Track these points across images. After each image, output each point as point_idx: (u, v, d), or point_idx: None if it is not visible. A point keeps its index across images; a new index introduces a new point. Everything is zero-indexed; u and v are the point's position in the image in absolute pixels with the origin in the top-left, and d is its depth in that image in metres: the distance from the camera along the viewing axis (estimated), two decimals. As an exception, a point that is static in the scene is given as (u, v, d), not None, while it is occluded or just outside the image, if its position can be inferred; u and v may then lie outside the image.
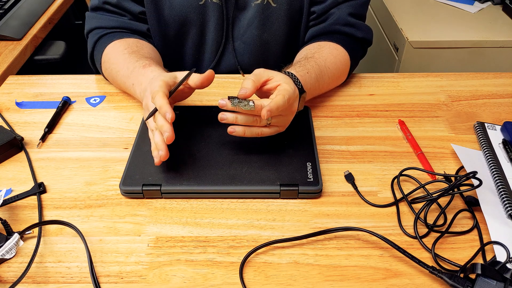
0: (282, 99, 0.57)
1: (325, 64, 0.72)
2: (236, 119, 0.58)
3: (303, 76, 0.66)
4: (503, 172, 0.60)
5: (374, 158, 0.65)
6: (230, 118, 0.58)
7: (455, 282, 0.46)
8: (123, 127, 0.71)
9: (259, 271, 0.50)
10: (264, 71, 0.61)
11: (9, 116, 0.74)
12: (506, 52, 1.21)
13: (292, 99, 0.59)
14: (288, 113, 0.61)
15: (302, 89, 0.64)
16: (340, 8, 0.79)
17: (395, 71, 1.28)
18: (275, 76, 0.61)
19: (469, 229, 0.54)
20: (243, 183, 0.58)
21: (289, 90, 0.59)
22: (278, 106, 0.56)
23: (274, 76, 0.61)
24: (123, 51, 0.72)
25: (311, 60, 0.71)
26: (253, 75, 0.59)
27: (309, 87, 0.67)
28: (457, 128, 0.70)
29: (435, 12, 1.32)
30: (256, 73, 0.60)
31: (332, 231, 0.53)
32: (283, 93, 0.57)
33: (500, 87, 0.80)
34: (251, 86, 0.57)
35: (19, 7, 1.16)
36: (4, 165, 0.64)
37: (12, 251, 0.52)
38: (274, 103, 0.56)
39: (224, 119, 0.58)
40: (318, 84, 0.71)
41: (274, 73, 0.61)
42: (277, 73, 0.62)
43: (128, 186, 0.58)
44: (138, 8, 0.79)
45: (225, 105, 0.57)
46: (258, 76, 0.60)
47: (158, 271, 0.50)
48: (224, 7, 0.78)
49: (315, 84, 0.70)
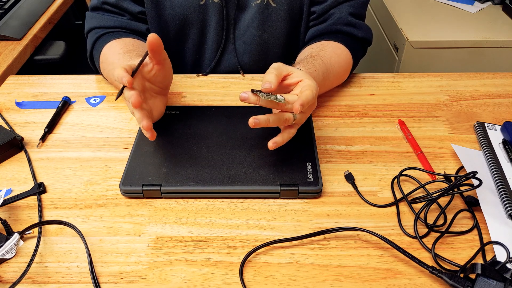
0: (311, 94, 0.55)
1: (330, 62, 0.72)
2: (268, 121, 0.54)
3: (312, 74, 0.65)
4: (503, 172, 0.60)
5: (374, 158, 0.65)
6: (263, 122, 0.54)
7: (455, 282, 0.46)
8: (123, 127, 0.71)
9: (259, 271, 0.50)
10: (284, 66, 0.59)
11: (9, 116, 0.74)
12: (506, 52, 1.21)
13: (317, 95, 0.58)
14: (310, 109, 0.60)
15: None
16: (341, 8, 0.79)
17: (395, 71, 1.28)
18: (295, 72, 0.60)
19: (469, 229, 0.54)
20: (243, 183, 0.58)
21: (314, 86, 0.57)
22: (309, 100, 0.55)
23: (293, 71, 0.60)
24: (118, 51, 0.72)
25: (317, 58, 0.71)
26: (274, 69, 0.57)
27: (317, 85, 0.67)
28: (457, 128, 0.70)
29: (435, 12, 1.32)
30: (276, 67, 0.58)
31: (332, 231, 0.53)
32: (310, 89, 0.56)
33: (500, 87, 0.80)
34: (274, 80, 0.54)
35: (19, 7, 1.16)
36: (4, 165, 0.64)
37: (12, 251, 0.52)
38: (305, 97, 0.54)
39: (256, 124, 0.53)
40: (325, 82, 0.71)
41: (293, 68, 0.60)
42: (296, 69, 0.60)
43: (128, 186, 0.58)
44: (137, 8, 0.79)
45: (247, 98, 0.53)
46: (279, 70, 0.58)
47: (158, 271, 0.50)
48: (225, 7, 0.78)
49: (322, 83, 0.70)
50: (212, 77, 0.84)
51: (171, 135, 0.65)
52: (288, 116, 0.56)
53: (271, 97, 0.53)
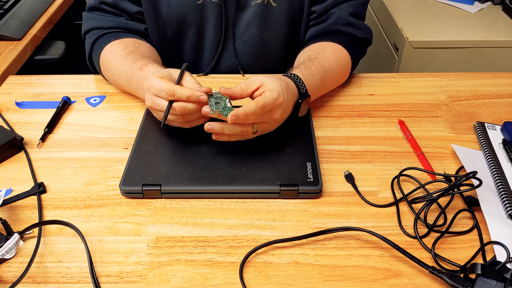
0: (254, 106, 0.55)
1: (328, 65, 0.72)
2: (222, 129, 0.57)
3: (308, 79, 0.66)
4: (503, 172, 0.60)
5: (374, 158, 0.65)
6: (217, 128, 0.57)
7: (455, 282, 0.46)
8: (123, 127, 0.71)
9: (259, 271, 0.50)
10: (258, 77, 0.60)
11: (9, 116, 0.74)
12: (506, 52, 1.21)
13: (269, 107, 0.57)
14: (269, 120, 0.60)
15: (306, 93, 0.64)
16: (341, 8, 0.79)
17: (395, 71, 1.28)
18: (266, 82, 0.59)
19: (469, 229, 0.54)
20: (243, 183, 0.58)
21: (268, 98, 0.57)
22: (247, 112, 0.55)
23: (265, 81, 0.59)
24: (120, 52, 0.72)
25: (315, 61, 0.71)
26: (244, 83, 0.59)
27: (313, 90, 0.68)
28: (457, 128, 0.70)
29: (435, 12, 1.32)
30: (248, 80, 0.60)
31: (332, 231, 0.53)
32: (258, 100, 0.56)
33: (500, 87, 0.80)
34: (236, 90, 0.58)
35: (19, 7, 1.16)
36: (4, 165, 0.64)
37: (12, 251, 0.52)
38: (243, 110, 0.55)
39: (210, 129, 0.57)
40: (323, 86, 0.72)
41: (267, 78, 0.60)
42: (270, 79, 0.59)
43: (128, 186, 0.58)
44: (135, 8, 0.79)
45: (207, 113, 0.56)
46: (247, 84, 0.59)
47: (158, 271, 0.50)
48: (223, 7, 0.78)
49: (320, 86, 0.70)
50: (212, 77, 0.84)
51: (171, 135, 0.65)
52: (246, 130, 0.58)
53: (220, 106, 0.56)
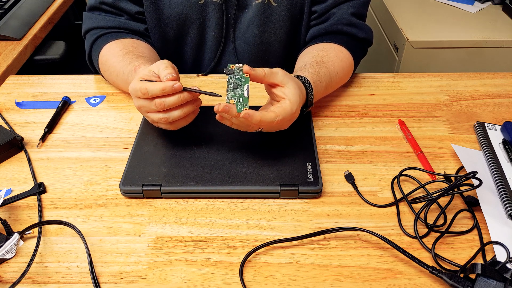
0: (272, 117, 0.56)
1: (334, 70, 0.72)
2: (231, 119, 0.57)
3: (317, 86, 0.67)
4: (503, 172, 0.60)
5: (374, 158, 0.65)
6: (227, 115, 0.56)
7: (455, 282, 0.46)
8: (123, 127, 0.71)
9: (259, 271, 0.50)
10: (283, 74, 0.59)
11: (9, 116, 0.74)
12: (506, 52, 1.21)
13: (285, 120, 0.58)
14: (278, 127, 0.60)
15: (311, 102, 0.66)
16: (342, 8, 0.79)
17: (395, 71, 1.28)
18: (287, 86, 0.58)
19: (469, 229, 0.54)
20: (243, 183, 0.58)
21: (287, 111, 0.57)
22: (262, 120, 0.55)
23: (285, 84, 0.58)
24: (118, 52, 0.72)
25: (323, 66, 0.71)
26: (269, 70, 0.58)
27: (318, 96, 0.69)
28: (457, 128, 0.70)
29: (435, 12, 1.32)
30: (273, 71, 0.58)
31: (332, 231, 0.53)
32: (278, 113, 0.56)
33: (500, 87, 0.80)
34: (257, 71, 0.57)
35: (19, 7, 1.16)
36: (4, 165, 0.64)
37: (12, 251, 0.52)
38: (259, 115, 0.55)
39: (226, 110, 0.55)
40: (327, 91, 0.73)
41: (289, 81, 0.59)
42: (293, 86, 0.59)
43: (128, 186, 0.58)
44: (135, 8, 0.79)
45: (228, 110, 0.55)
46: (271, 74, 0.58)
47: (158, 271, 0.50)
48: (224, 7, 0.78)
49: (324, 92, 0.72)
50: (212, 77, 0.84)
51: (171, 135, 0.65)
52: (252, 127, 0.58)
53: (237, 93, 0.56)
